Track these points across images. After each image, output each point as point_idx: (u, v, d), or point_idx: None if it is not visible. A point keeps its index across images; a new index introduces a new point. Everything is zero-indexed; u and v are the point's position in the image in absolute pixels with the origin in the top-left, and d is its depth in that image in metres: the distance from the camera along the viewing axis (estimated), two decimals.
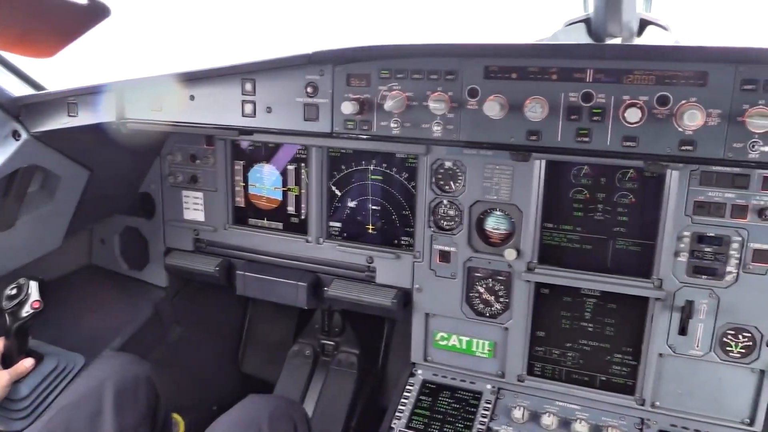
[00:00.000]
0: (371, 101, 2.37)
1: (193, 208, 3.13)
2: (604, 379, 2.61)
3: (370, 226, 2.85)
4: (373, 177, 2.79)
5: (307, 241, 2.93)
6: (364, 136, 2.42)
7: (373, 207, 2.82)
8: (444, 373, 2.83)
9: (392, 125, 2.36)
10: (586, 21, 2.66)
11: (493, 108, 2.15)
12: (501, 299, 2.67)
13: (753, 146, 1.97)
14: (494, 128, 2.23)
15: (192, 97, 2.61)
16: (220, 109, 2.58)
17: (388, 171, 2.76)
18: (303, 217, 2.94)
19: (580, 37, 2.66)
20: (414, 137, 2.35)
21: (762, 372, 2.37)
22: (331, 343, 3.45)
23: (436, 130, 2.31)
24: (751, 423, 2.42)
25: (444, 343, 2.81)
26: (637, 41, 2.69)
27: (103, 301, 3.16)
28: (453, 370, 2.83)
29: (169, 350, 3.24)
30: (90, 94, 2.62)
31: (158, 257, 3.25)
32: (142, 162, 3.12)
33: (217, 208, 3.07)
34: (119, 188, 3.12)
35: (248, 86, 2.53)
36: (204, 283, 3.28)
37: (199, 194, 3.10)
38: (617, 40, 2.63)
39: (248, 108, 2.55)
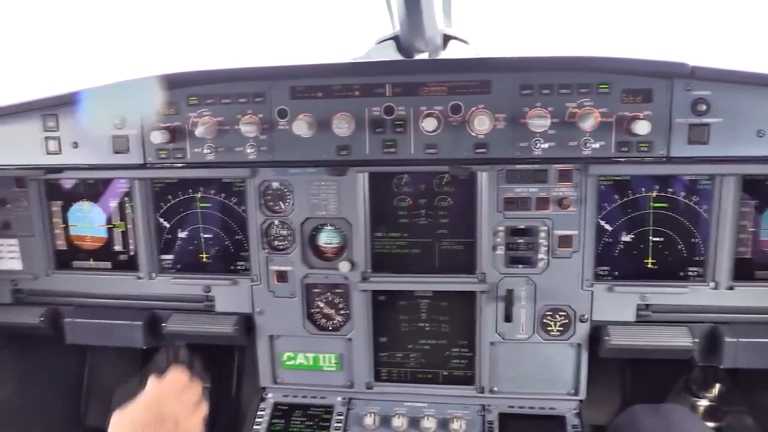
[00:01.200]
0: (182, 129, 2.34)
1: (9, 256, 2.88)
2: (446, 373, 2.74)
3: (204, 255, 2.78)
4: (202, 205, 2.73)
5: (139, 278, 2.80)
6: (179, 165, 2.38)
7: (205, 235, 2.76)
8: (295, 393, 2.83)
9: (206, 151, 2.34)
10: (396, 38, 2.82)
11: (301, 127, 2.21)
12: (341, 311, 2.72)
13: (536, 144, 2.19)
14: (305, 146, 2.28)
15: None
16: (22, 148, 2.41)
17: (216, 197, 2.71)
18: (132, 253, 2.81)
19: (391, 54, 2.81)
20: (229, 161, 2.34)
21: (579, 345, 2.62)
22: None
23: (251, 152, 2.32)
24: (576, 393, 2.66)
25: (291, 362, 2.81)
26: (443, 55, 2.89)
27: None
28: (303, 388, 2.83)
29: None
30: None
31: None
32: None
33: (35, 253, 2.85)
34: None
35: (50, 122, 2.40)
36: (30, 337, 3.02)
37: (14, 241, 2.86)
38: (424, 55, 2.82)
39: (52, 145, 2.41)
